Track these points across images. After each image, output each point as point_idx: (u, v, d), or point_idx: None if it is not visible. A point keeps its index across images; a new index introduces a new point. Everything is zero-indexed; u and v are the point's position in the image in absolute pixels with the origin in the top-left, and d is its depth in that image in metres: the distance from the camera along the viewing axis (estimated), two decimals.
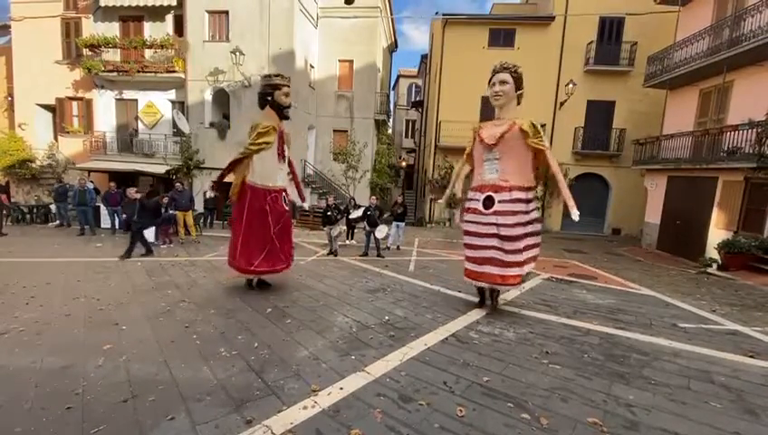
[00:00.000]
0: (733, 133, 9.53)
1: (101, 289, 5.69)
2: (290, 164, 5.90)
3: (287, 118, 5.61)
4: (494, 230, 4.67)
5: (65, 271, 6.85)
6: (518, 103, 4.97)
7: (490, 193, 4.77)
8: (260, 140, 5.23)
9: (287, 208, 5.64)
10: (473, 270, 4.93)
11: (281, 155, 5.52)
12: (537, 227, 4.89)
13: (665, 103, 13.26)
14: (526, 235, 4.71)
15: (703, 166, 10.28)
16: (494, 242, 4.69)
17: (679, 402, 2.90)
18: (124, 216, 8.62)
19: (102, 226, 12.03)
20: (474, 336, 4.12)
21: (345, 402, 2.75)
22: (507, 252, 4.64)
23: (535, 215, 4.84)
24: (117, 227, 11.71)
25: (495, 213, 4.68)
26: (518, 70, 4.83)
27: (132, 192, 8.79)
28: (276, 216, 5.44)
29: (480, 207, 4.81)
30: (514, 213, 4.62)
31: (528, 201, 4.74)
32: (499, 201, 4.68)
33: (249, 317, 4.55)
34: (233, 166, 5.37)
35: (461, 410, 2.67)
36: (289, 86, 5.56)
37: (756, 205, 9.14)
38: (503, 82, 4.76)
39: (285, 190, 5.67)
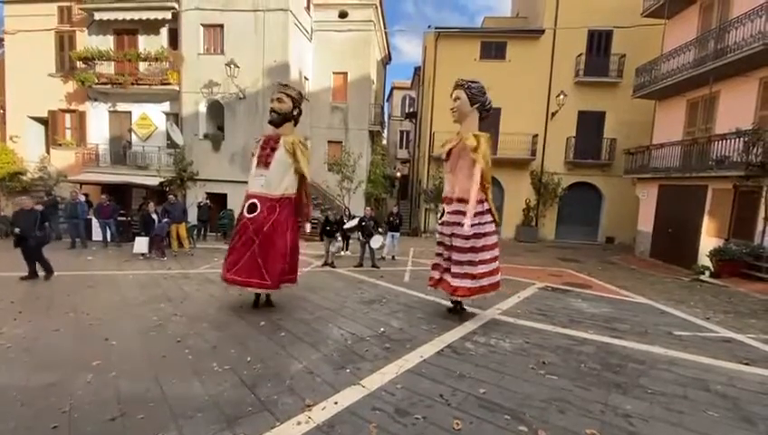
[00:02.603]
0: (721, 142, 9.71)
1: (91, 303, 5.59)
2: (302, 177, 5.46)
3: (270, 122, 5.34)
4: (440, 239, 5.04)
5: (55, 285, 6.73)
6: (482, 118, 5.01)
7: (444, 205, 5.09)
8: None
9: (250, 216, 5.10)
10: (431, 276, 5.25)
11: (260, 161, 5.21)
12: (484, 241, 4.78)
13: (654, 113, 13.51)
14: (473, 248, 4.73)
15: (692, 175, 10.44)
16: (442, 250, 5.03)
17: (676, 411, 2.89)
18: (17, 230, 6.91)
19: (94, 238, 11.89)
20: (470, 347, 4.09)
21: (340, 417, 2.70)
22: (452, 262, 4.81)
23: (477, 230, 4.72)
24: (108, 239, 11.59)
25: (443, 223, 4.97)
26: (472, 86, 4.87)
27: (28, 202, 7.31)
28: (242, 222, 5.20)
29: (438, 217, 5.19)
30: (452, 224, 4.82)
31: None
32: (447, 212, 4.94)
33: (242, 330, 4.49)
34: None
35: (458, 424, 2.63)
36: (281, 91, 5.34)
37: (746, 212, 9.25)
38: (456, 99, 4.93)
39: (260, 198, 5.15)
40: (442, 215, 5.06)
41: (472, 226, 4.71)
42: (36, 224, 7.12)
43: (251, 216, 5.12)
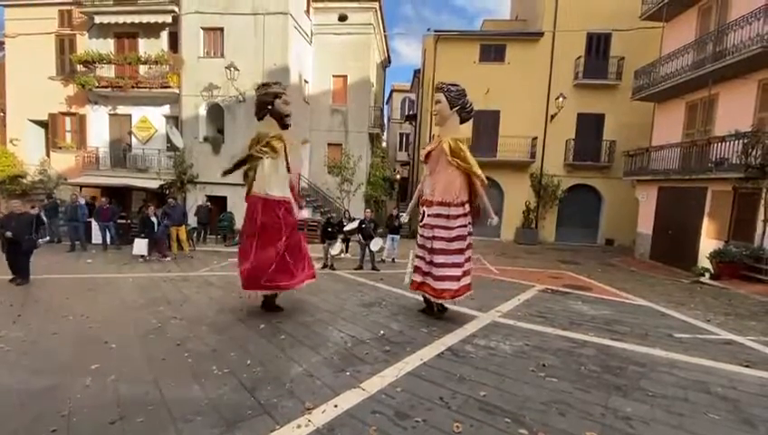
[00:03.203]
0: (720, 144, 9.72)
1: (91, 306, 5.58)
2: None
3: (288, 126, 5.27)
4: (421, 242, 5.03)
5: (54, 288, 6.73)
6: (462, 121, 5.09)
7: (424, 207, 5.07)
8: (266, 148, 4.99)
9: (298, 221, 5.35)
10: (413, 279, 5.23)
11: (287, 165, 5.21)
12: (461, 244, 4.85)
13: (653, 115, 13.53)
14: (454, 250, 4.79)
15: (692, 177, 10.44)
16: (421, 253, 5.03)
17: (677, 414, 2.88)
18: (8, 234, 6.83)
19: (93, 241, 11.88)
20: (470, 350, 4.08)
21: (340, 420, 2.69)
22: (434, 265, 4.81)
23: (459, 232, 4.82)
24: (108, 242, 11.58)
25: (424, 226, 4.99)
26: (451, 89, 4.92)
27: (19, 205, 7.41)
28: (290, 228, 5.16)
29: (419, 220, 5.14)
30: (432, 227, 4.86)
31: (448, 217, 4.80)
32: (426, 215, 4.98)
33: (242, 334, 4.48)
34: (238, 166, 5.22)
35: (458, 427, 2.62)
36: (287, 94, 5.25)
37: (745, 214, 9.26)
38: (437, 102, 4.99)
39: (290, 201, 5.26)
40: (422, 217, 5.03)
41: (456, 227, 4.81)
42: (32, 227, 7.13)
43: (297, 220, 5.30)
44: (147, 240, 9.71)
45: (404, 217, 6.50)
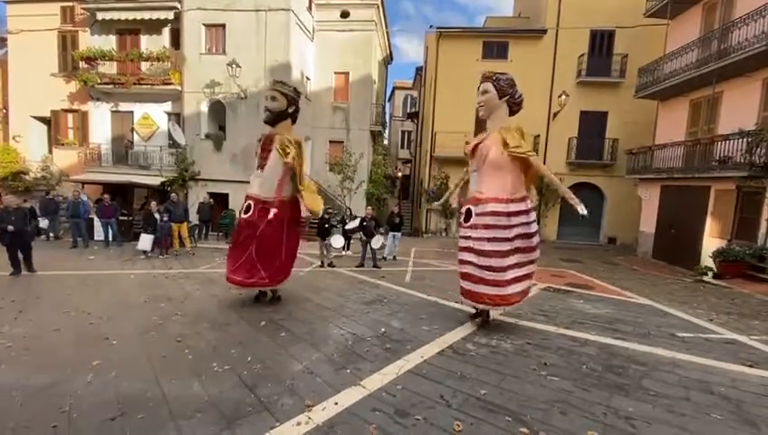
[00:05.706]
0: (723, 143, 9.65)
1: (92, 303, 5.59)
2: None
3: (265, 122, 5.41)
4: (469, 244, 4.53)
5: (56, 284, 6.75)
6: (512, 112, 4.78)
7: (469, 206, 4.62)
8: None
9: (245, 217, 5.25)
10: (461, 286, 4.72)
11: (259, 162, 5.36)
12: (527, 242, 4.52)
13: (656, 114, 13.45)
14: (509, 251, 4.39)
15: (695, 175, 10.38)
16: (469, 257, 4.51)
17: (679, 414, 2.86)
18: (10, 228, 7.13)
19: (96, 238, 11.91)
20: (471, 348, 4.07)
21: (340, 418, 2.69)
22: (482, 268, 4.39)
23: (520, 230, 4.44)
24: (110, 239, 11.60)
25: (471, 226, 4.53)
26: (500, 78, 4.61)
27: (13, 200, 7.70)
28: (240, 223, 5.41)
29: (462, 220, 4.71)
30: (487, 226, 4.39)
31: (509, 214, 4.40)
32: (476, 214, 4.51)
33: (243, 331, 4.48)
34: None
35: (458, 425, 2.61)
36: (274, 89, 5.33)
37: (749, 213, 9.21)
38: (484, 92, 4.66)
39: (254, 199, 5.26)
40: (468, 217, 4.58)
41: (517, 225, 4.41)
42: (27, 220, 7.60)
43: (245, 216, 5.24)
44: (152, 236, 9.74)
45: (436, 204, 6.91)
